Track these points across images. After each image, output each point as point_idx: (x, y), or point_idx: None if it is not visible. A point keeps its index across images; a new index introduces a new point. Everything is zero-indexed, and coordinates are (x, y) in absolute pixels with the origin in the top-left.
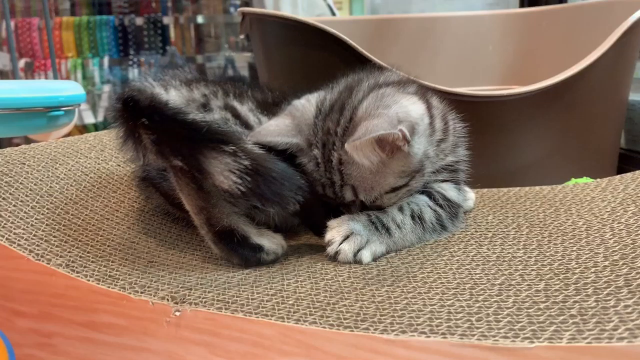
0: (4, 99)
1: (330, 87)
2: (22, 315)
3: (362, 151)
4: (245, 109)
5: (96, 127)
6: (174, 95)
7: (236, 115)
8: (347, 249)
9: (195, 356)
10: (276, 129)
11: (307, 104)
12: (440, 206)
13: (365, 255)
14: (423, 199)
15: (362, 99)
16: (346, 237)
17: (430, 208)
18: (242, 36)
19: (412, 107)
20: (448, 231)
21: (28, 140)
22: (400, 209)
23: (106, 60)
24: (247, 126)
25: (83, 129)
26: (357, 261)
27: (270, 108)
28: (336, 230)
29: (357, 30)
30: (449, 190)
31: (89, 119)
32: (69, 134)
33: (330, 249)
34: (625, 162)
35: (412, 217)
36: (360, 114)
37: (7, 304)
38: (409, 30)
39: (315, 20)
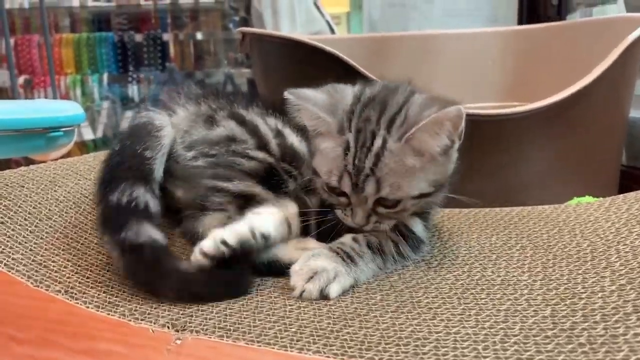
0: (2, 120)
1: (364, 83)
2: (19, 342)
3: (438, 126)
4: (252, 114)
5: (95, 143)
6: (181, 115)
7: (241, 122)
8: (312, 287)
9: None
10: (314, 98)
11: (346, 89)
12: (403, 237)
13: (334, 290)
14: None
15: (409, 98)
16: (310, 278)
17: (391, 239)
18: (240, 54)
19: (463, 112)
20: (409, 261)
21: (28, 160)
22: (355, 240)
23: (105, 76)
24: (255, 131)
25: (82, 145)
26: (324, 297)
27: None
28: (297, 275)
29: (356, 48)
30: (415, 224)
31: (88, 135)
32: (68, 152)
33: (295, 293)
34: (627, 179)
35: (369, 246)
36: (416, 108)
37: (4, 330)
38: (408, 48)
39: (314, 39)
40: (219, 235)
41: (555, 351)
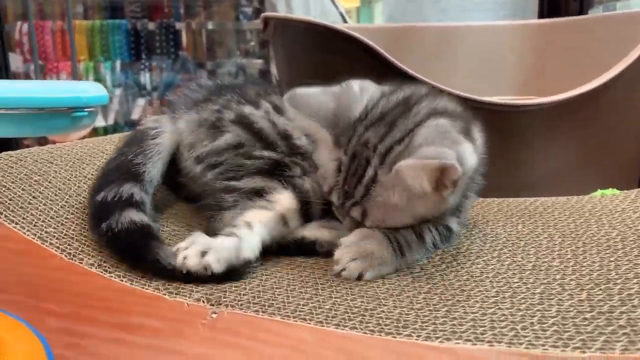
0: (28, 98)
1: (386, 90)
2: (52, 315)
3: (416, 175)
4: (259, 113)
5: (106, 131)
6: (182, 126)
7: (247, 127)
8: (353, 268)
9: None
10: (316, 107)
11: (359, 97)
12: (439, 233)
13: (370, 275)
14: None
15: (421, 124)
16: (355, 259)
17: (430, 231)
18: (252, 45)
19: (470, 156)
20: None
21: (41, 142)
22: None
23: (118, 64)
24: (260, 135)
25: (93, 132)
26: (359, 278)
27: None
28: (346, 251)
29: (376, 38)
30: (452, 223)
31: (100, 122)
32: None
33: (336, 268)
34: None
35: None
36: (420, 140)
37: (38, 303)
38: (428, 39)
39: (341, 26)
40: (205, 260)
41: (596, 332)
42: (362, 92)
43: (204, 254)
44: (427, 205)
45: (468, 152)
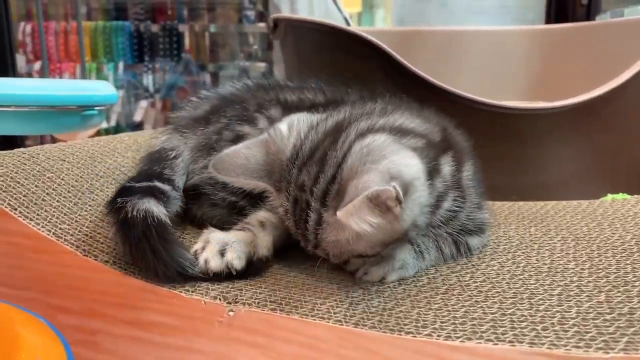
0: (39, 96)
1: (315, 121)
2: (66, 312)
3: (359, 216)
4: (255, 133)
5: (108, 132)
6: (190, 146)
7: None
8: (376, 273)
9: (246, 358)
10: (244, 162)
11: (285, 138)
12: (457, 249)
13: (392, 278)
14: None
15: (347, 152)
16: (379, 262)
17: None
18: (256, 47)
19: (405, 164)
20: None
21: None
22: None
23: (121, 65)
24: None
25: (95, 133)
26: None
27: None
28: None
29: (384, 40)
30: (471, 240)
31: (102, 123)
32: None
33: (359, 272)
34: None
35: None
36: (347, 175)
37: (52, 300)
38: (435, 43)
39: (352, 29)
40: (227, 259)
41: (618, 333)
42: (290, 130)
43: (222, 252)
44: (383, 230)
45: (402, 160)
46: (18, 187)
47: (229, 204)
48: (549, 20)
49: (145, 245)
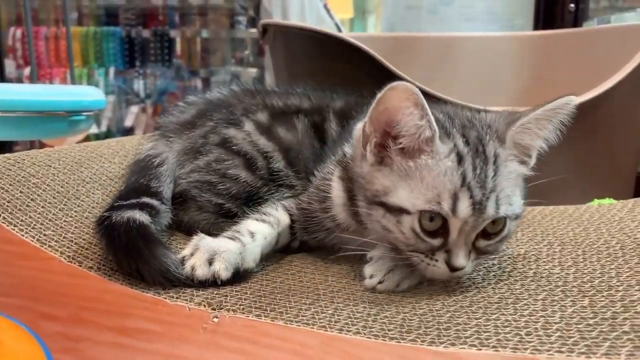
0: (26, 101)
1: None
2: (50, 319)
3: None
4: (241, 136)
5: (98, 138)
6: (172, 153)
7: (227, 148)
8: (391, 281)
9: None
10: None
11: None
12: None
13: (405, 286)
14: None
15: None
16: (391, 270)
17: None
18: (247, 52)
19: None
20: None
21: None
22: None
23: (112, 70)
24: (245, 155)
25: (85, 139)
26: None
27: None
28: (379, 265)
29: (376, 46)
30: None
31: (92, 129)
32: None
33: (372, 281)
34: None
35: None
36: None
37: (36, 307)
38: (426, 49)
39: (342, 35)
40: (213, 269)
41: (600, 338)
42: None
43: (210, 261)
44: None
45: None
46: (2, 193)
47: (216, 207)
48: (537, 26)
49: (128, 246)
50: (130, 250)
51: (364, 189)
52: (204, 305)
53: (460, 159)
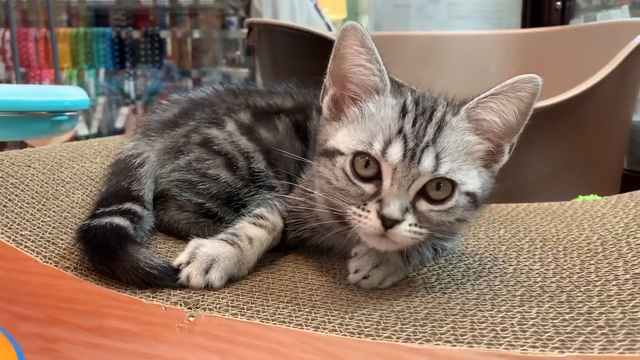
0: (7, 101)
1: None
2: (26, 320)
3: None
4: (222, 136)
5: (88, 139)
6: (154, 152)
7: (208, 148)
8: (376, 276)
9: None
10: None
11: None
12: (435, 251)
13: (389, 282)
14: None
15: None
16: (376, 266)
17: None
18: (238, 53)
19: None
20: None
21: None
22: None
23: (102, 72)
24: (226, 154)
25: (76, 140)
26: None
27: (269, 117)
28: (365, 260)
29: None
30: (447, 243)
31: (83, 130)
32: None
33: (357, 275)
34: (629, 183)
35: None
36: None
37: (12, 308)
38: (414, 47)
39: (328, 34)
40: (208, 278)
41: (575, 332)
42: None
43: (207, 269)
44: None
45: None
46: None
47: (196, 206)
48: (524, 24)
49: (101, 246)
50: (103, 250)
51: (315, 144)
52: (180, 305)
53: (404, 114)
